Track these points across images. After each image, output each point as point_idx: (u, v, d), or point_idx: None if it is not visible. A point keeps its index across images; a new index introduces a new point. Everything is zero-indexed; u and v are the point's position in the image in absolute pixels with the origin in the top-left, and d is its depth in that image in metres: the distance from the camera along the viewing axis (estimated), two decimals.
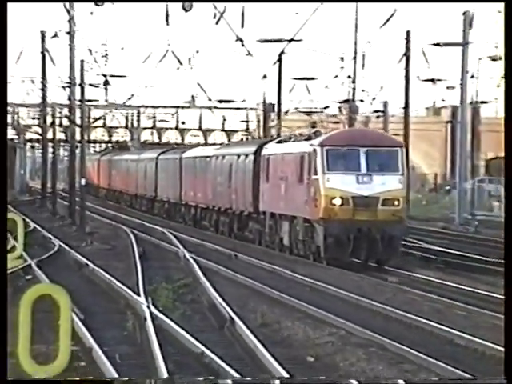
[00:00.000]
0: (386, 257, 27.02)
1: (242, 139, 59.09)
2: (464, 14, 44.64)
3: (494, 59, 51.86)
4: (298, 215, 28.93)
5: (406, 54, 44.47)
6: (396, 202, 26.86)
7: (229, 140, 67.98)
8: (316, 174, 27.10)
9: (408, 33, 45.16)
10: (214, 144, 61.21)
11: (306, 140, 29.74)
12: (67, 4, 40.44)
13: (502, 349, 14.13)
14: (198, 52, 44.67)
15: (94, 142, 74.06)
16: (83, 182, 42.82)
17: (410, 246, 32.21)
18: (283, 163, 31.22)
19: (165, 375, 13.09)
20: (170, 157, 52.72)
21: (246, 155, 36.20)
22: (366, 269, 26.82)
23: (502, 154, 14.03)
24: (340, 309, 20.40)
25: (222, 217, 39.58)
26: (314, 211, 27.08)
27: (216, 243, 35.18)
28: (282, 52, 45.96)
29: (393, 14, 39.22)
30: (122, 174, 64.72)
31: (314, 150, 27.42)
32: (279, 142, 34.16)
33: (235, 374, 13.02)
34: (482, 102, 65.39)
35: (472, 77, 50.73)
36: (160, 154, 54.85)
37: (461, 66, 45.32)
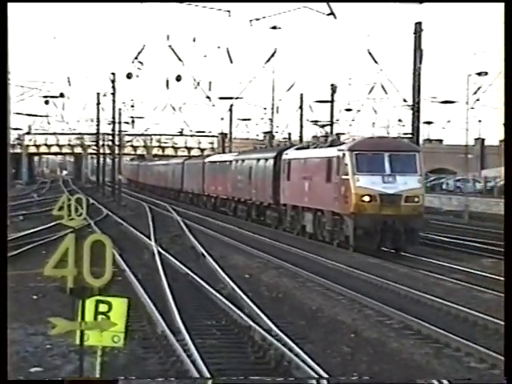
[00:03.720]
0: (408, 246, 28.92)
1: (255, 148, 71.34)
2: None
3: None
4: (326, 209, 31.16)
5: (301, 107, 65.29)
6: (416, 199, 28.60)
7: (201, 155, 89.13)
8: (346, 174, 28.89)
9: (302, 96, 65.49)
10: (208, 155, 76.83)
11: (329, 147, 32.48)
12: (111, 76, 67.90)
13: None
14: (184, 104, 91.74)
15: (126, 154, 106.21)
16: (120, 177, 70.04)
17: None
18: (307, 165, 34.14)
19: (166, 287, 19.70)
20: (193, 162, 66.68)
21: (266, 159, 41.33)
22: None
23: None
24: (267, 250, 29.69)
25: (240, 205, 46.96)
26: (345, 206, 28.93)
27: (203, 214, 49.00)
28: (232, 105, 75.05)
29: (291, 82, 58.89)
30: (156, 174, 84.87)
31: (344, 154, 29.27)
32: (298, 148, 38.06)
33: (204, 284, 20.50)
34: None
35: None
36: (185, 160, 70.20)
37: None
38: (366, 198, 28.30)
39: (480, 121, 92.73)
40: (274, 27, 38.37)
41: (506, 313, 7.88)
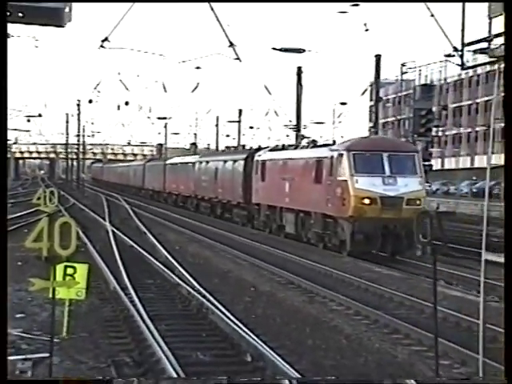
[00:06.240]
0: (409, 251, 20.55)
1: (217, 151, 60.78)
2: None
3: None
4: (315, 211, 23.26)
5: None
6: (418, 202, 20.94)
7: (154, 158, 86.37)
8: (343, 175, 21.28)
9: (217, 118, 66.63)
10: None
11: (314, 147, 25.15)
12: (77, 101, 69.32)
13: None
14: (131, 122, 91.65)
15: (88, 159, 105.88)
16: (83, 175, 70.03)
17: None
18: (287, 166, 26.26)
19: (117, 255, 19.44)
20: (154, 163, 57.92)
21: (235, 161, 33.92)
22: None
23: None
24: (192, 229, 29.27)
25: (203, 203, 39.61)
26: (341, 209, 21.14)
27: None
28: (166, 123, 74.28)
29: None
30: (118, 174, 78.72)
31: (340, 154, 21.59)
32: (272, 150, 29.83)
33: (145, 253, 20.55)
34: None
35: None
36: (146, 162, 61.69)
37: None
38: (366, 201, 20.64)
39: (342, 136, 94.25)
40: (198, 67, 38.58)
41: (506, 314, 6.42)
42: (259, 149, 32.48)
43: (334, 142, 24.31)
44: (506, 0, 6.43)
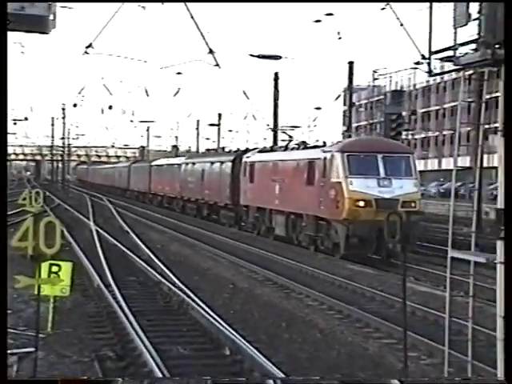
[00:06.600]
0: (402, 254, 17.16)
1: (203, 153, 57.03)
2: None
3: None
4: (307, 213, 21.75)
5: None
6: (413, 204, 19.57)
7: (128, 159, 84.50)
8: (337, 177, 19.84)
9: (198, 121, 65.57)
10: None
11: (305, 149, 23.59)
12: (62, 105, 68.06)
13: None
14: (114, 125, 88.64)
15: (73, 160, 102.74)
16: (68, 176, 71.19)
17: None
18: (277, 168, 24.66)
19: (101, 253, 19.33)
20: (139, 165, 56.13)
21: (222, 162, 32.26)
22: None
23: None
24: (173, 228, 29.09)
25: (189, 204, 37.91)
26: (335, 212, 19.72)
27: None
28: (148, 126, 76.08)
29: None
30: (103, 175, 75.86)
31: (333, 155, 20.18)
32: (261, 151, 28.22)
33: (128, 252, 20.32)
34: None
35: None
36: (131, 164, 59.75)
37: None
38: (361, 203, 19.22)
39: (317, 140, 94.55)
40: (179, 73, 38.51)
41: (506, 314, 6.14)
42: (247, 150, 31.23)
43: (325, 144, 23.36)
44: (505, 0, 6.29)
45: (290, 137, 28.44)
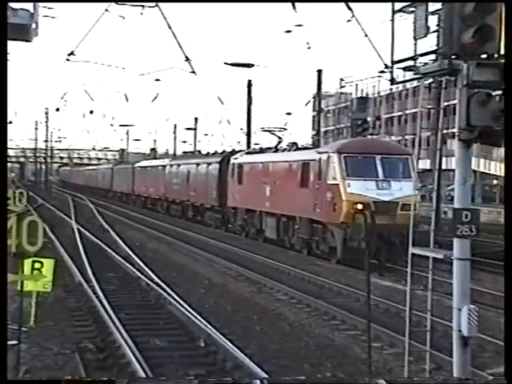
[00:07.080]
0: (402, 258, 15.93)
1: (190, 154, 51.91)
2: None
3: None
4: (300, 216, 20.16)
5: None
6: (413, 207, 15.85)
7: (108, 161, 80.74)
8: (333, 179, 18.22)
9: (175, 125, 63.04)
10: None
11: (297, 150, 21.94)
12: (45, 109, 66.12)
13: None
14: (95, 129, 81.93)
15: (55, 162, 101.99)
16: (51, 178, 69.51)
17: None
18: (268, 169, 22.93)
19: (81, 251, 19.14)
20: (122, 166, 53.67)
21: (209, 164, 30.49)
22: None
23: None
24: (151, 226, 28.73)
25: (174, 205, 36.00)
26: (332, 215, 18.07)
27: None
28: (128, 130, 73.83)
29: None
30: (86, 176, 73.71)
31: (329, 157, 18.54)
32: (249, 153, 26.44)
33: (108, 249, 20.23)
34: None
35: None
36: (114, 166, 57.49)
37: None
38: (359, 206, 17.40)
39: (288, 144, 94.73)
40: (157, 79, 38.24)
41: (507, 314, 6.02)
42: (234, 152, 29.53)
43: (314, 145, 21.42)
44: (506, 0, 6.23)
45: (280, 138, 25.17)
